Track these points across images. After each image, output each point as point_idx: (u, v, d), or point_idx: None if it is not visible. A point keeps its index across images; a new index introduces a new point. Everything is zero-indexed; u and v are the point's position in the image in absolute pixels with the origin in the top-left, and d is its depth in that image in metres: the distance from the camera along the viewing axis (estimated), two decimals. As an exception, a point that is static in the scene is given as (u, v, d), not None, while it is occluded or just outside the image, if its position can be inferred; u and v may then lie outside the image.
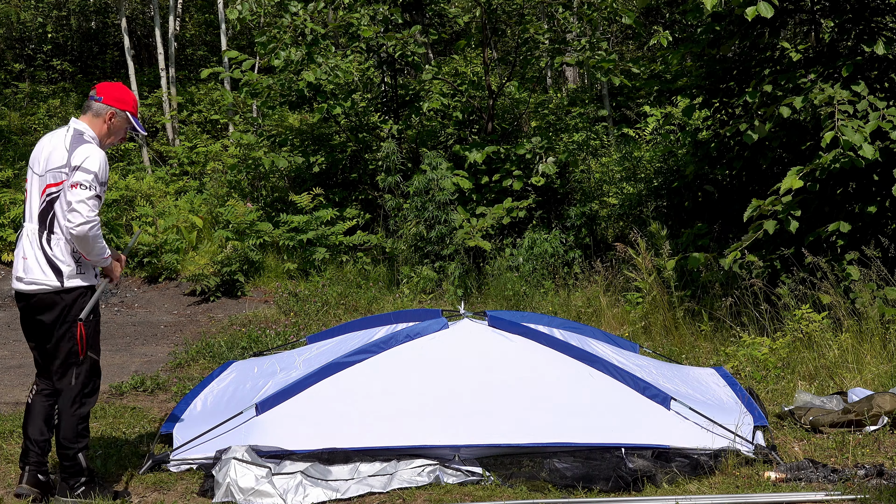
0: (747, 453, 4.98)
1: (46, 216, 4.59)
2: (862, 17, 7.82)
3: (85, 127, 4.70)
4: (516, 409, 5.13)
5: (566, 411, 5.14)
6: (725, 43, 8.50)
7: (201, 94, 16.36)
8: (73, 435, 4.65)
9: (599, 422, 5.07)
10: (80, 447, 4.67)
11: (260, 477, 4.70)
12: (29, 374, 7.78)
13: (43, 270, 4.57)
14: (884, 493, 4.43)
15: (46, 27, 18.86)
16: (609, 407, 5.18)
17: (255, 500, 4.63)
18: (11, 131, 15.75)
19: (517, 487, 4.76)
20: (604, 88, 15.35)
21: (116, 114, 4.74)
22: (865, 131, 6.86)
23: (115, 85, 4.85)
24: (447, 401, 5.16)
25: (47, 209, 4.59)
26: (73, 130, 4.67)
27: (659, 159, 11.37)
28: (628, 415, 5.14)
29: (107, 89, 4.78)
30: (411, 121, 12.21)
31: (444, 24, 15.69)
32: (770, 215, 7.20)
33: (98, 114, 4.73)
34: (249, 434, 5.02)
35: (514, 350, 5.49)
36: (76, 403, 4.66)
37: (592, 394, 5.25)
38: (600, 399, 5.23)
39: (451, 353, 5.48)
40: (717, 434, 5.05)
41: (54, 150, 4.61)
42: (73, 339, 4.60)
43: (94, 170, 4.49)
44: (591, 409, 5.17)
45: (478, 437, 4.98)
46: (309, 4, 11.02)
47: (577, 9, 11.82)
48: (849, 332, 6.62)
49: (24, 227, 4.66)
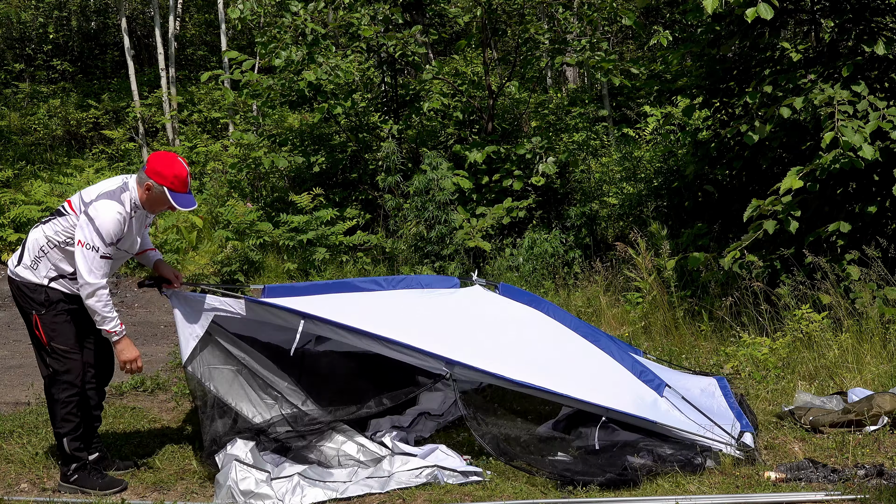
0: (731, 451, 5.00)
1: (53, 216, 4.90)
2: (862, 17, 7.82)
3: (133, 187, 4.84)
4: (514, 355, 5.16)
5: (561, 371, 5.20)
6: (725, 43, 8.50)
7: (201, 94, 16.37)
8: (57, 419, 4.89)
9: (590, 385, 5.11)
10: (64, 432, 4.87)
11: (260, 481, 4.74)
12: (29, 373, 7.79)
13: (17, 252, 4.94)
14: (884, 493, 4.43)
15: (47, 27, 18.86)
16: (603, 379, 5.24)
17: (254, 502, 4.67)
18: (11, 131, 15.76)
19: (517, 486, 4.76)
20: (604, 88, 15.35)
21: (153, 187, 4.81)
22: (865, 131, 6.86)
23: (162, 156, 4.85)
24: (449, 332, 5.21)
25: (58, 213, 4.89)
26: (123, 183, 4.84)
27: (659, 159, 11.37)
28: (621, 390, 5.19)
29: (152, 159, 4.85)
30: (411, 121, 12.21)
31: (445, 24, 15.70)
32: (770, 215, 7.20)
33: (140, 182, 4.85)
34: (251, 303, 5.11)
35: (521, 314, 5.60)
36: (54, 389, 4.89)
37: (589, 365, 5.33)
38: (597, 372, 5.30)
39: (459, 303, 5.62)
40: (703, 426, 5.08)
41: (98, 185, 4.87)
42: (33, 329, 4.89)
43: (98, 226, 4.66)
44: (585, 374, 5.23)
45: (474, 361, 4.99)
46: (309, 4, 11.03)
47: (578, 9, 11.82)
48: (849, 332, 6.62)
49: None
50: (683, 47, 9.32)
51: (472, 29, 13.40)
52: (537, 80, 14.26)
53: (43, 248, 4.82)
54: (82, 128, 16.40)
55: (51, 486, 4.96)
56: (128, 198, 4.80)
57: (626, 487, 4.70)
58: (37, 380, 7.47)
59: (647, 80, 11.35)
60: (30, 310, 4.84)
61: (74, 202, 4.83)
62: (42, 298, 4.82)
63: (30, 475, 5.10)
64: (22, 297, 4.86)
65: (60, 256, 4.81)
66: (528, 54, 11.85)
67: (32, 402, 6.72)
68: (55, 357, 4.85)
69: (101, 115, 16.50)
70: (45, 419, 6.14)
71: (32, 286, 4.82)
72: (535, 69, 13.11)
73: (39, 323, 4.83)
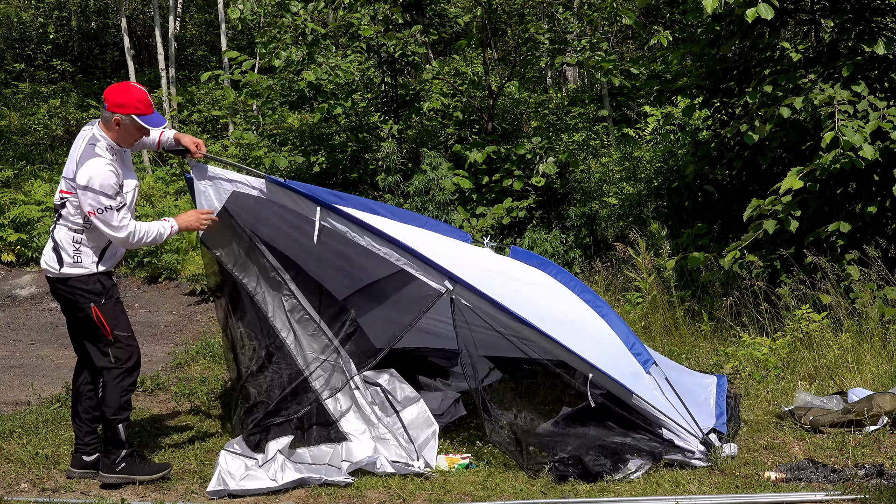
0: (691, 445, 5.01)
1: (58, 214, 4.93)
2: (862, 17, 7.82)
3: (101, 135, 4.86)
4: (515, 300, 5.14)
5: (558, 322, 5.18)
6: (725, 43, 8.50)
7: (201, 94, 16.37)
8: (115, 406, 4.92)
9: (580, 342, 5.09)
10: (121, 419, 4.94)
11: (249, 465, 4.88)
12: (29, 374, 7.79)
13: (51, 257, 4.92)
14: (884, 493, 4.43)
15: (47, 27, 18.86)
16: (595, 341, 5.25)
17: (247, 484, 4.79)
18: (11, 131, 15.76)
19: (517, 486, 4.76)
20: (604, 88, 15.35)
21: (121, 120, 4.84)
22: (865, 131, 6.86)
23: (118, 88, 4.90)
24: (455, 264, 5.20)
25: (60, 206, 4.90)
26: (90, 136, 4.85)
27: (659, 159, 11.37)
28: (609, 354, 5.21)
29: (110, 95, 4.87)
30: (411, 121, 12.20)
31: (445, 24, 15.70)
32: (770, 215, 7.21)
33: (107, 122, 4.88)
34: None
35: (528, 273, 5.62)
36: (119, 378, 4.93)
37: (585, 327, 5.34)
38: (591, 334, 5.32)
39: (468, 250, 5.67)
40: (677, 410, 5.10)
41: (70, 158, 4.86)
42: (93, 323, 4.89)
43: (96, 188, 4.70)
44: (578, 332, 5.23)
45: (474, 282, 5.02)
46: (309, 4, 11.02)
47: (578, 9, 11.82)
48: (849, 332, 6.62)
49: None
50: (683, 47, 9.32)
51: (472, 29, 13.41)
52: (537, 80, 14.26)
53: (75, 240, 4.86)
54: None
55: (51, 486, 4.96)
56: (103, 146, 4.83)
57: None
58: (37, 380, 7.48)
59: (647, 80, 11.34)
60: (87, 304, 4.87)
61: (64, 186, 4.87)
62: (99, 288, 4.89)
63: (30, 475, 5.10)
64: (78, 295, 4.88)
65: (94, 235, 4.88)
66: (528, 54, 11.84)
67: (32, 402, 6.72)
68: (119, 346, 4.93)
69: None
70: (45, 419, 6.15)
71: (85, 278, 4.87)
72: (535, 69, 13.10)
73: (101, 314, 4.88)
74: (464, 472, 5.03)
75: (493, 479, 4.88)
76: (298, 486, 4.88)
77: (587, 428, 5.07)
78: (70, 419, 6.14)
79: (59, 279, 4.90)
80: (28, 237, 12.04)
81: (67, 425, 6.01)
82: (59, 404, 6.51)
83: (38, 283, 11.40)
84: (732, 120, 8.59)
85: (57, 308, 11.55)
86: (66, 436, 5.72)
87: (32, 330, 9.82)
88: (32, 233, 12.05)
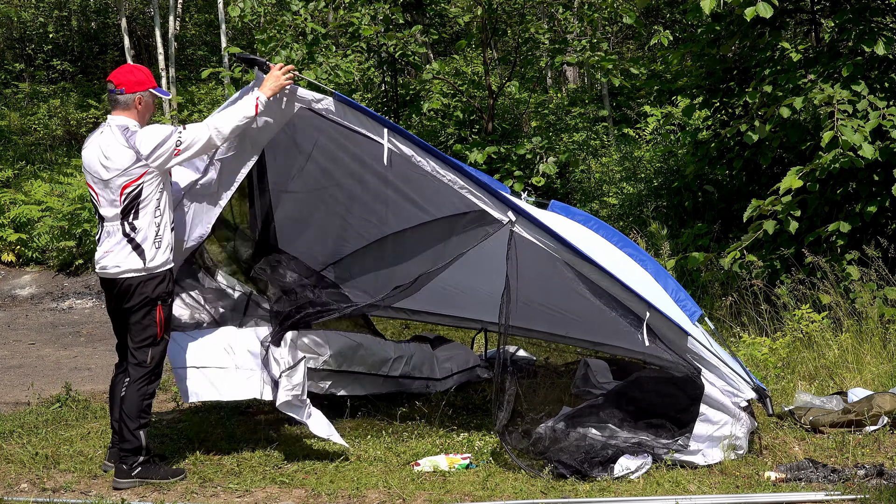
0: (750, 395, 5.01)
1: (129, 211, 4.84)
2: (862, 17, 7.82)
3: (125, 120, 4.92)
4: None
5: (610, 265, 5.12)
6: (725, 43, 8.51)
7: (202, 94, 16.37)
8: (137, 411, 4.91)
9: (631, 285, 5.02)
10: (143, 423, 4.94)
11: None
12: (29, 374, 7.79)
13: (128, 257, 4.85)
14: (884, 493, 4.43)
15: (47, 27, 18.87)
16: (644, 291, 5.12)
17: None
18: (11, 131, 15.77)
19: (517, 486, 4.76)
20: (604, 88, 15.35)
21: (142, 97, 4.97)
22: (865, 131, 6.86)
23: (126, 70, 5.05)
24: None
25: (130, 206, 4.84)
26: (118, 128, 4.87)
27: (659, 159, 11.38)
28: (658, 302, 5.09)
29: (123, 78, 4.96)
30: (412, 121, 12.21)
31: (445, 24, 15.71)
32: (770, 215, 7.21)
33: (128, 105, 4.94)
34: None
35: (569, 226, 5.63)
36: (144, 381, 4.93)
37: (630, 278, 5.17)
38: (640, 284, 5.22)
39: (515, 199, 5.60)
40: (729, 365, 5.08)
41: (115, 153, 4.83)
42: (152, 321, 4.90)
43: (161, 138, 4.82)
44: (629, 278, 5.14)
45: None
46: (310, 4, 11.03)
47: (578, 9, 11.83)
48: (849, 332, 6.62)
49: (104, 226, 4.91)
50: (683, 47, 9.33)
51: (472, 29, 13.41)
52: (537, 80, 14.27)
53: (156, 224, 4.87)
54: (82, 128, 16.40)
55: (51, 486, 4.96)
56: (134, 125, 4.89)
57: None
58: (37, 380, 7.48)
59: (647, 80, 11.35)
60: (155, 302, 4.89)
61: (122, 181, 4.83)
62: (170, 287, 4.96)
63: (30, 475, 5.10)
64: (152, 291, 4.87)
65: (169, 216, 4.94)
66: (529, 54, 11.86)
67: (32, 402, 6.72)
68: (157, 346, 4.95)
69: (100, 115, 16.50)
70: (45, 419, 6.15)
71: (161, 275, 4.90)
72: (535, 69, 13.12)
73: (162, 313, 4.92)
74: (464, 472, 5.03)
75: (493, 479, 4.88)
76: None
77: (587, 428, 5.07)
78: (70, 419, 6.19)
79: (141, 279, 4.84)
80: (28, 237, 12.04)
81: (67, 425, 6.02)
82: (60, 404, 6.51)
83: (38, 283, 11.42)
84: (732, 120, 8.60)
85: (57, 308, 11.59)
86: (66, 436, 5.72)
87: (32, 330, 9.83)
88: (32, 233, 12.06)
